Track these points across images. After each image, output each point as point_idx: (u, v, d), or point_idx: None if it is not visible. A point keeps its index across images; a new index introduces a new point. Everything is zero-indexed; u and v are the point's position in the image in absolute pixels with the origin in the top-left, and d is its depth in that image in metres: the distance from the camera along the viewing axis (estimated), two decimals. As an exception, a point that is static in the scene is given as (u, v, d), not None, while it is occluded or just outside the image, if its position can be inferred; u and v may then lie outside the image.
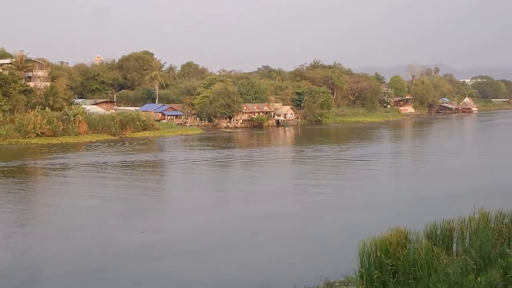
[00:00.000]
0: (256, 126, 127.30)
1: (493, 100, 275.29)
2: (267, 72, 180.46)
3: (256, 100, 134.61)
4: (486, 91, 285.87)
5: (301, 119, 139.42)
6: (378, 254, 19.79)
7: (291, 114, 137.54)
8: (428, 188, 44.56)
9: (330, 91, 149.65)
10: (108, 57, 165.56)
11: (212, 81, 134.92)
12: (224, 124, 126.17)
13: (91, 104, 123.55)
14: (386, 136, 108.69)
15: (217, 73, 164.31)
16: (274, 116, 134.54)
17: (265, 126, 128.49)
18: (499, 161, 61.83)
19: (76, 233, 31.67)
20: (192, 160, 65.95)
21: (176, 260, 26.39)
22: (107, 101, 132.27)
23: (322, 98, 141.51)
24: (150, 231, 31.98)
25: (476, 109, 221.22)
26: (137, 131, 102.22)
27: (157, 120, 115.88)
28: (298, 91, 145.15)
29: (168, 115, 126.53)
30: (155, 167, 61.64)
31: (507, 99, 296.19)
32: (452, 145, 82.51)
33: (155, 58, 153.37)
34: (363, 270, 19.27)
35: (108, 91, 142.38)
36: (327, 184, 47.61)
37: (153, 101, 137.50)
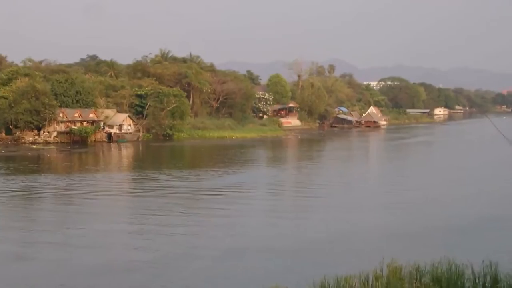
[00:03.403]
0: (77, 141, 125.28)
1: (408, 110, 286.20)
2: (94, 65, 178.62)
3: (78, 104, 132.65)
4: (399, 98, 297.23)
5: (143, 132, 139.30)
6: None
7: (130, 125, 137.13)
8: (313, 229, 46.77)
9: (185, 94, 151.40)
10: None
11: (13, 75, 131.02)
12: (31, 138, 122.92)
13: None
14: (261, 159, 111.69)
15: (21, 64, 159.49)
16: (104, 127, 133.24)
17: (91, 142, 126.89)
18: (407, 197, 66.06)
19: None
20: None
21: None
22: None
23: (174, 103, 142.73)
24: None
25: (385, 122, 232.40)
26: None
27: None
28: (139, 92, 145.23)
29: None
30: None
31: (427, 110, 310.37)
32: (348, 175, 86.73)
33: None
34: None
35: None
36: (181, 224, 48.27)
37: None
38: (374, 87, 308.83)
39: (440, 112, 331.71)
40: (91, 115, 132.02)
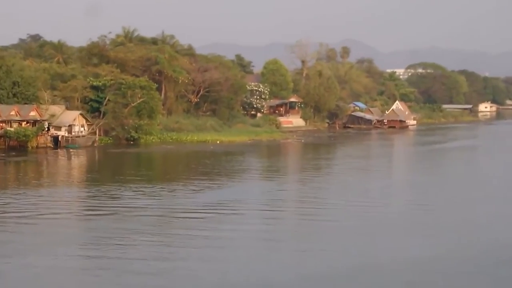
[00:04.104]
0: (14, 147, 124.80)
1: (444, 106, 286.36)
2: (37, 48, 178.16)
3: (16, 99, 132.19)
4: (433, 90, 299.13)
5: (101, 135, 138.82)
6: None
7: (83, 126, 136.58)
8: (320, 263, 46.79)
9: (156, 85, 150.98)
10: None
11: None
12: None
13: None
14: (254, 169, 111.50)
15: None
16: (49, 129, 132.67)
17: (32, 148, 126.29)
18: (442, 219, 66.10)
19: None
20: None
21: None
22: None
23: (141, 98, 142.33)
24: None
25: (415, 122, 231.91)
26: None
27: None
28: (95, 83, 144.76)
29: None
30: None
31: (469, 106, 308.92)
32: (366, 190, 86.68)
33: None
34: None
35: None
36: (148, 257, 47.97)
37: None
38: (401, 76, 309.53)
39: (486, 108, 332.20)
40: (33, 113, 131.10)
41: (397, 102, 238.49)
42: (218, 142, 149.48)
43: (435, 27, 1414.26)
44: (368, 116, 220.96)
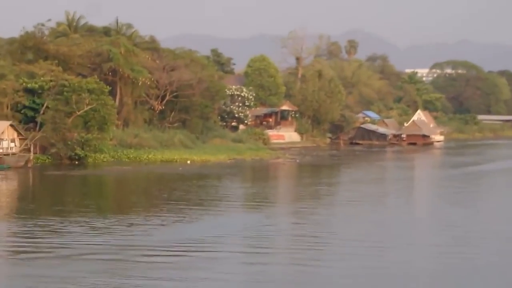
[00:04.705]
0: None
1: (480, 117, 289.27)
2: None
3: None
4: (465, 96, 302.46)
5: (36, 152, 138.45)
6: None
7: (13, 141, 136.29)
8: None
9: (108, 88, 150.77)
10: None
11: None
12: None
13: None
14: (234, 197, 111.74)
15: None
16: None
17: None
18: (481, 262, 66.04)
19: None
20: None
21: None
22: None
23: (89, 104, 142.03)
24: None
25: (442, 137, 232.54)
26: None
27: None
28: (30, 85, 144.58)
29: None
30: None
31: None
32: (378, 225, 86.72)
33: None
34: None
35: None
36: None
37: None
38: (424, 78, 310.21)
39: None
40: None
41: (419, 111, 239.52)
42: (188, 162, 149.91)
43: (466, 14, 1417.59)
44: (381, 129, 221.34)
